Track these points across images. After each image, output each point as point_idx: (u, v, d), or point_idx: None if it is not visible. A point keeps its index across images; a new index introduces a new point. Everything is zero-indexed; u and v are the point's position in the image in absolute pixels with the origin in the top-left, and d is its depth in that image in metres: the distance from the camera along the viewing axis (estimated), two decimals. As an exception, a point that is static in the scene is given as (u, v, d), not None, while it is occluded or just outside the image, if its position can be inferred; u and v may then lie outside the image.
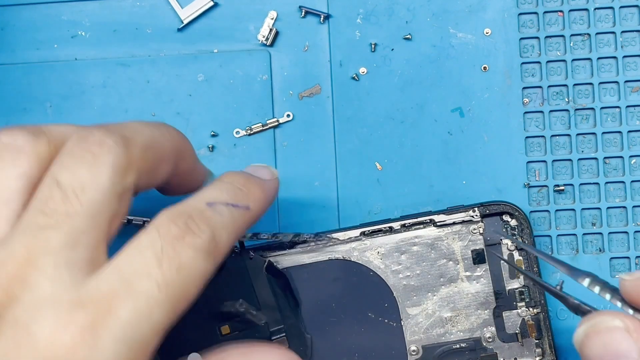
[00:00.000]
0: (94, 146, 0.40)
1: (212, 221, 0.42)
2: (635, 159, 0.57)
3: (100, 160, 0.40)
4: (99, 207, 0.39)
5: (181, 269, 0.39)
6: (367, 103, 0.58)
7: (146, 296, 0.38)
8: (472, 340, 0.55)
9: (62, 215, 0.38)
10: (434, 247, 0.55)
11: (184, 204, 0.42)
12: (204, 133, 0.58)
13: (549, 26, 0.57)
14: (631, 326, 0.39)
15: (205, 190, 0.44)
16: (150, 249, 0.39)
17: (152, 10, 0.59)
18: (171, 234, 0.39)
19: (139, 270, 0.38)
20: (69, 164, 0.39)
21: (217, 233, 0.41)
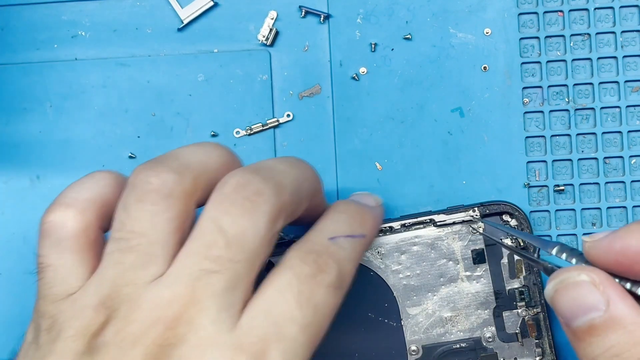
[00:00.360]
0: (253, 195, 0.42)
1: (337, 256, 0.44)
2: (635, 159, 0.57)
3: (259, 209, 0.42)
4: (255, 253, 0.42)
5: (317, 309, 0.42)
6: (367, 103, 0.58)
7: (292, 339, 0.41)
8: (472, 340, 0.55)
9: (226, 261, 0.41)
10: (434, 247, 0.55)
11: (308, 242, 0.45)
12: (204, 133, 0.58)
13: (549, 26, 0.57)
14: (597, 279, 0.41)
15: (325, 224, 0.47)
16: (289, 291, 0.42)
17: (152, 10, 0.59)
18: (304, 274, 0.42)
19: (284, 314, 0.41)
20: (230, 211, 0.42)
21: (342, 267, 0.44)
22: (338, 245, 0.45)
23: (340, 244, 0.45)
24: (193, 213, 0.44)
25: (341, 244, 0.45)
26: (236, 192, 0.43)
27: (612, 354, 0.39)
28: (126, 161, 0.58)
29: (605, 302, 0.40)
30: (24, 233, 0.58)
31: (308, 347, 0.42)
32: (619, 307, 0.40)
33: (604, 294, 0.40)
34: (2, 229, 0.58)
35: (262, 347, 0.40)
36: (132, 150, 0.58)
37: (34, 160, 0.58)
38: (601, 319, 0.40)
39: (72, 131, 0.58)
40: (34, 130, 0.58)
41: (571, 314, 0.41)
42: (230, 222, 0.42)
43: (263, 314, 0.41)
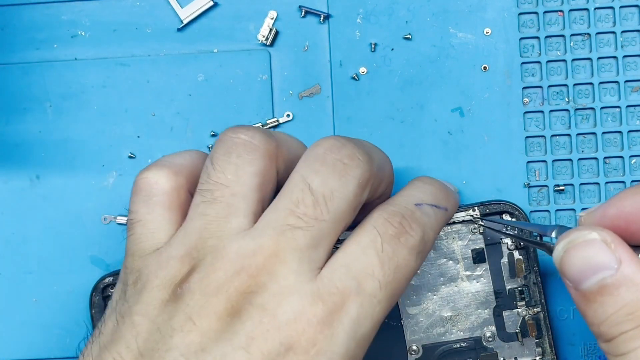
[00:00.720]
0: (345, 158, 0.44)
1: (422, 221, 0.45)
2: (635, 159, 0.57)
3: (350, 173, 0.44)
4: (341, 216, 0.43)
5: (398, 269, 0.43)
6: (367, 103, 0.58)
7: (371, 295, 0.42)
8: (473, 339, 0.55)
9: (312, 218, 0.42)
10: (434, 246, 0.55)
11: (395, 204, 0.45)
12: (204, 133, 0.58)
13: (549, 26, 0.57)
14: (608, 238, 0.40)
15: (411, 191, 0.48)
16: (372, 248, 0.43)
17: (152, 10, 0.59)
18: (389, 234, 0.43)
19: (365, 270, 0.42)
20: (320, 170, 0.43)
21: (426, 232, 0.45)
22: (423, 212, 0.46)
23: (425, 211, 0.46)
24: (275, 178, 0.46)
25: (426, 210, 0.46)
26: (329, 153, 0.44)
27: (626, 313, 0.39)
28: (126, 161, 0.58)
29: (617, 261, 0.39)
30: (24, 233, 0.58)
31: (385, 306, 0.43)
32: (631, 265, 0.39)
33: (615, 252, 0.40)
34: (2, 229, 0.58)
35: (340, 299, 0.41)
36: (131, 150, 0.58)
37: (33, 160, 0.58)
38: (613, 278, 0.39)
39: (72, 131, 0.58)
40: (33, 130, 0.58)
41: (581, 274, 0.40)
42: (319, 182, 0.43)
43: (344, 268, 0.42)
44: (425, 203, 0.47)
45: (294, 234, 0.42)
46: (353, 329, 0.41)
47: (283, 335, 0.40)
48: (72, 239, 0.58)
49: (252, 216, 0.44)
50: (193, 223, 0.44)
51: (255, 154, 0.44)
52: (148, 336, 0.41)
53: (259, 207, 0.44)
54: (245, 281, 0.41)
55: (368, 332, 0.42)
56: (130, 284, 0.44)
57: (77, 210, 0.58)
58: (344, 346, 0.41)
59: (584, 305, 0.40)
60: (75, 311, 0.58)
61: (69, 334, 0.58)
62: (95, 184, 0.58)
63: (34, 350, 0.58)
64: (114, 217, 0.58)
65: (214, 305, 0.41)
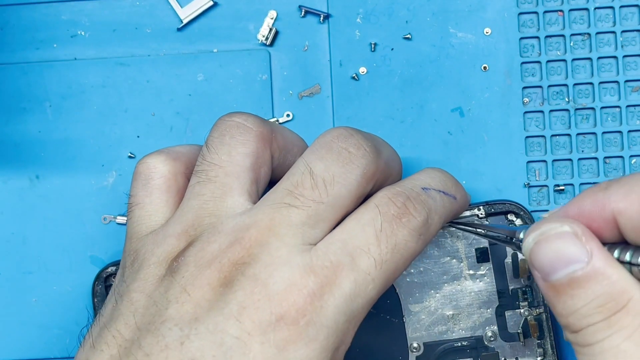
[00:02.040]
0: (352, 147, 0.44)
1: (427, 204, 0.45)
2: (635, 159, 0.57)
3: (355, 162, 0.44)
4: (340, 201, 0.43)
5: (396, 248, 0.43)
6: (367, 103, 0.58)
7: (365, 272, 0.42)
8: (474, 338, 0.55)
9: (309, 199, 0.43)
10: (438, 244, 0.55)
11: (401, 186, 0.45)
12: (204, 133, 0.58)
13: (549, 26, 0.57)
14: (579, 231, 0.40)
15: (419, 176, 0.48)
16: (371, 225, 0.43)
17: (152, 10, 0.59)
18: (390, 213, 0.43)
19: (361, 246, 0.42)
20: (325, 157, 0.44)
21: (430, 216, 0.45)
22: (429, 195, 0.46)
23: (432, 195, 0.46)
24: (269, 161, 0.47)
25: (432, 195, 0.46)
26: (336, 141, 0.45)
27: (596, 305, 0.38)
28: (126, 161, 0.58)
29: (588, 254, 0.39)
30: (23, 233, 0.58)
31: (380, 284, 0.43)
32: (602, 258, 0.39)
33: (586, 245, 0.39)
34: (1, 229, 0.58)
35: (333, 273, 0.41)
36: (131, 150, 0.58)
37: (33, 160, 0.58)
38: (583, 271, 0.39)
39: (72, 131, 0.58)
40: (33, 130, 0.58)
41: (551, 266, 0.40)
42: (321, 167, 0.44)
43: (340, 242, 0.42)
44: (432, 188, 0.46)
45: (289, 211, 0.42)
46: (344, 304, 0.41)
47: (274, 305, 0.40)
48: (72, 239, 0.58)
49: (247, 195, 0.45)
50: (190, 202, 0.45)
51: (248, 135, 0.46)
52: (145, 311, 0.42)
53: (253, 187, 0.45)
54: (239, 252, 0.41)
55: (359, 309, 0.42)
56: (128, 265, 0.45)
57: (77, 210, 0.58)
58: (333, 319, 0.41)
59: (553, 297, 0.40)
60: (75, 311, 0.58)
61: (69, 334, 0.58)
62: (95, 184, 0.58)
63: (34, 350, 0.58)
64: (114, 217, 0.58)
65: (208, 276, 0.41)
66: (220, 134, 0.47)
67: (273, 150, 0.47)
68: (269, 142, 0.47)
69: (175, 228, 0.44)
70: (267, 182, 0.47)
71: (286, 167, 0.47)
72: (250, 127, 0.46)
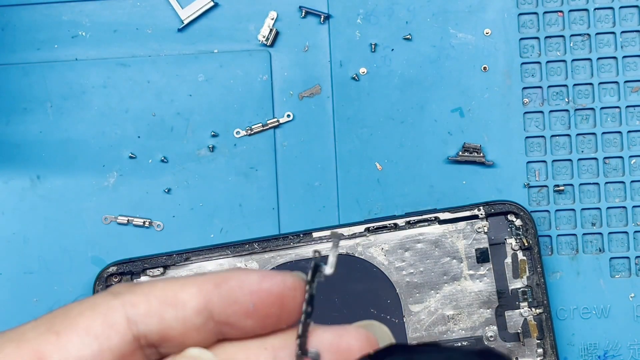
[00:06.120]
0: None
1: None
2: (635, 159, 0.57)
3: None
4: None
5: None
6: (367, 103, 0.58)
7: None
8: (474, 338, 0.55)
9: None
10: (438, 244, 0.55)
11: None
12: (204, 133, 0.58)
13: (549, 26, 0.57)
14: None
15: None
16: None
17: (152, 11, 0.59)
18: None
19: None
20: None
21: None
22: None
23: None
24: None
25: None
26: None
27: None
28: (126, 161, 0.58)
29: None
30: (24, 233, 0.58)
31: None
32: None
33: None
34: (2, 229, 0.58)
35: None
36: (132, 150, 0.58)
37: (34, 160, 0.58)
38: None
39: (73, 131, 0.58)
40: (34, 130, 0.58)
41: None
42: None
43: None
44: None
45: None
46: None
47: None
48: (72, 239, 0.58)
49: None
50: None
51: None
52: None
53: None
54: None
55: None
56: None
57: (78, 210, 0.58)
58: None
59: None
60: (76, 311, 0.58)
61: (70, 334, 0.58)
62: (95, 184, 0.58)
63: (35, 351, 0.58)
64: (114, 217, 0.58)
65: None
66: None
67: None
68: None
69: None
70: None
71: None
72: None
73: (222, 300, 0.28)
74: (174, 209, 0.58)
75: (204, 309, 0.28)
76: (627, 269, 0.57)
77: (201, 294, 0.28)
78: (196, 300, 0.28)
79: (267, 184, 0.58)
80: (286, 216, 0.58)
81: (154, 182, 0.58)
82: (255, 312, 0.29)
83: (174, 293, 0.29)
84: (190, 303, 0.28)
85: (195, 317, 0.28)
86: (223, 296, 0.28)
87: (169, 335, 0.29)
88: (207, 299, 0.28)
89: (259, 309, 0.29)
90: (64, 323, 0.28)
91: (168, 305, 0.28)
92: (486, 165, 0.57)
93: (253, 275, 0.28)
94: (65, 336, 0.28)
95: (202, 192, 0.58)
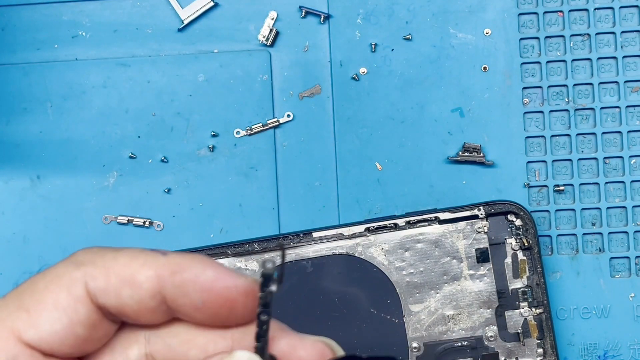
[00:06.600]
0: None
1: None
2: (635, 159, 0.57)
3: None
4: None
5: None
6: (367, 103, 0.58)
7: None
8: (474, 338, 0.55)
9: None
10: (438, 244, 0.55)
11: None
12: (204, 133, 0.58)
13: (549, 26, 0.57)
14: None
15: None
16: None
17: (153, 11, 0.59)
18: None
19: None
20: None
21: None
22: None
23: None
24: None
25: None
26: None
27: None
28: (126, 161, 0.58)
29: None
30: (24, 233, 0.58)
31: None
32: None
33: None
34: (2, 229, 0.58)
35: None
36: (132, 150, 0.58)
37: (34, 160, 0.58)
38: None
39: (73, 131, 0.58)
40: (34, 130, 0.58)
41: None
42: None
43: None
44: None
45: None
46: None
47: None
48: (72, 238, 0.58)
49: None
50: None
51: None
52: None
53: None
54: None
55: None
56: None
57: (78, 210, 0.58)
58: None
59: None
60: (76, 311, 0.58)
61: (70, 334, 0.58)
62: (95, 184, 0.58)
63: (35, 351, 0.58)
64: (114, 217, 0.58)
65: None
66: None
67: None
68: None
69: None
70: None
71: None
72: None
73: (174, 290, 0.29)
74: (174, 209, 0.58)
75: (158, 293, 0.29)
76: (627, 269, 0.57)
77: (156, 279, 0.29)
78: (151, 284, 0.29)
79: (267, 184, 0.58)
80: (286, 216, 0.58)
81: (154, 182, 0.58)
82: (203, 309, 0.29)
83: (132, 272, 0.29)
84: (146, 285, 0.29)
85: (149, 300, 0.29)
86: (175, 286, 0.29)
87: (125, 312, 0.29)
88: (161, 284, 0.29)
89: (207, 307, 0.29)
90: (32, 299, 0.29)
91: (125, 284, 0.29)
92: (486, 165, 0.57)
93: (209, 271, 0.29)
94: (35, 313, 0.29)
95: (202, 192, 0.58)
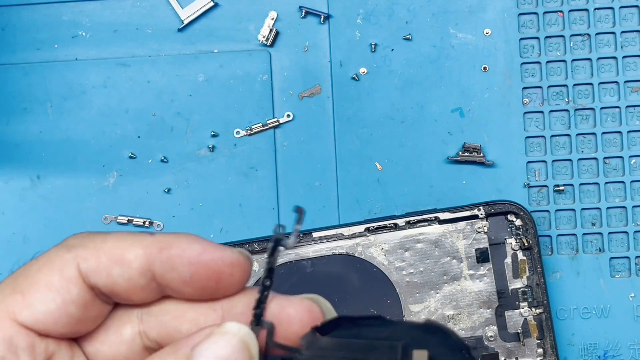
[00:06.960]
0: None
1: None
2: (635, 159, 0.57)
3: None
4: None
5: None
6: (367, 103, 0.58)
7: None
8: (474, 338, 0.55)
9: None
10: (438, 244, 0.55)
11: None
12: (204, 133, 0.58)
13: (549, 26, 0.57)
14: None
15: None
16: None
17: (152, 11, 0.59)
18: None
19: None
20: None
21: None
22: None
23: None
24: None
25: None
26: None
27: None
28: (126, 161, 0.58)
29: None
30: (24, 233, 0.58)
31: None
32: None
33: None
34: (2, 229, 0.58)
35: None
36: (132, 150, 0.58)
37: (34, 160, 0.58)
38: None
39: (73, 131, 0.58)
40: (34, 130, 0.58)
41: None
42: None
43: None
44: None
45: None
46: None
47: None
48: (72, 239, 0.58)
49: None
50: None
51: None
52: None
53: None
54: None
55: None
56: None
57: (78, 210, 0.58)
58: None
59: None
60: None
61: (70, 334, 0.58)
62: (95, 184, 0.58)
63: (35, 351, 0.58)
64: (114, 217, 0.58)
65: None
66: None
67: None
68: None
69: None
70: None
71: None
72: None
73: (162, 266, 0.29)
74: (174, 209, 0.58)
75: (147, 271, 0.30)
76: (627, 269, 0.57)
77: (145, 257, 0.30)
78: (140, 262, 0.29)
79: (267, 184, 0.58)
80: (286, 216, 0.58)
81: (154, 182, 0.58)
82: (191, 282, 0.29)
83: (122, 251, 0.30)
84: (135, 263, 0.29)
85: (139, 277, 0.30)
86: (164, 262, 0.29)
87: (116, 290, 0.30)
88: (150, 261, 0.29)
89: (195, 280, 0.29)
90: (26, 282, 0.30)
91: (115, 263, 0.29)
92: (486, 165, 0.57)
93: (195, 245, 0.29)
94: (29, 294, 0.29)
95: (202, 192, 0.58)
